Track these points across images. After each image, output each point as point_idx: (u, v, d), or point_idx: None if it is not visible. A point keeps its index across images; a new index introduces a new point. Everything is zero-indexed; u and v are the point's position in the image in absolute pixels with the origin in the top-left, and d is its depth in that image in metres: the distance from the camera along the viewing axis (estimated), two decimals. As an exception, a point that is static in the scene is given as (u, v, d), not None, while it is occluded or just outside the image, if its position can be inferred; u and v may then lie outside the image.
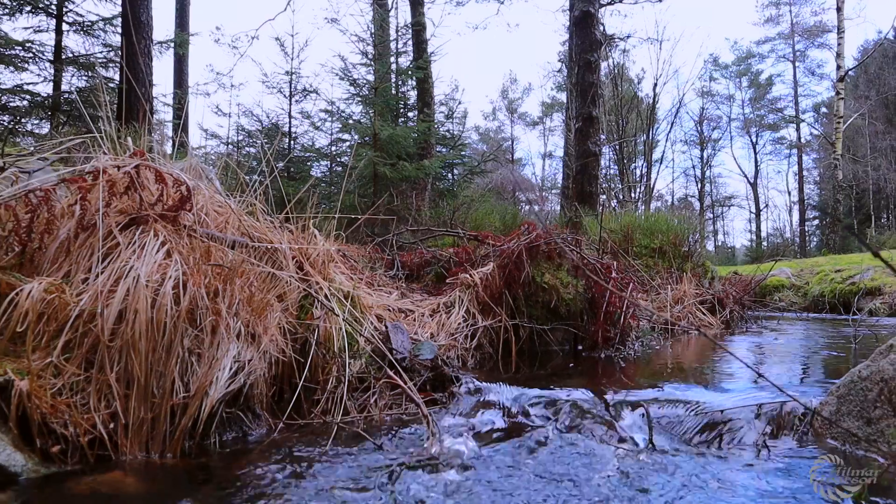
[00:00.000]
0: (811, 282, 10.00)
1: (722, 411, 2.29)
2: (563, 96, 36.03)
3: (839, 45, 27.20)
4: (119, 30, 10.69)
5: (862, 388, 2.07)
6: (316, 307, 2.88)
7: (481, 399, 2.76)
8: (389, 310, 3.53)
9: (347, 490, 1.70)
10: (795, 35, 47.67)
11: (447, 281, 4.10)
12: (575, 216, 9.61)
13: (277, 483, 1.76)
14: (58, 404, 1.86)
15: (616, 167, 37.12)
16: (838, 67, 27.11)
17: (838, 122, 26.88)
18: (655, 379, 3.18)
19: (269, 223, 3.20)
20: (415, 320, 3.56)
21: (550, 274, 3.95)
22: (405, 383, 2.51)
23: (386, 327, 3.14)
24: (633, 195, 34.86)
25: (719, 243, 58.90)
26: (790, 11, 47.94)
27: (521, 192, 35.13)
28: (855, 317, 5.88)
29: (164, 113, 15.13)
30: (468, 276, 3.86)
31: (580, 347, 4.11)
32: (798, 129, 50.51)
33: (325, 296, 2.97)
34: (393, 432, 2.31)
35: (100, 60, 11.55)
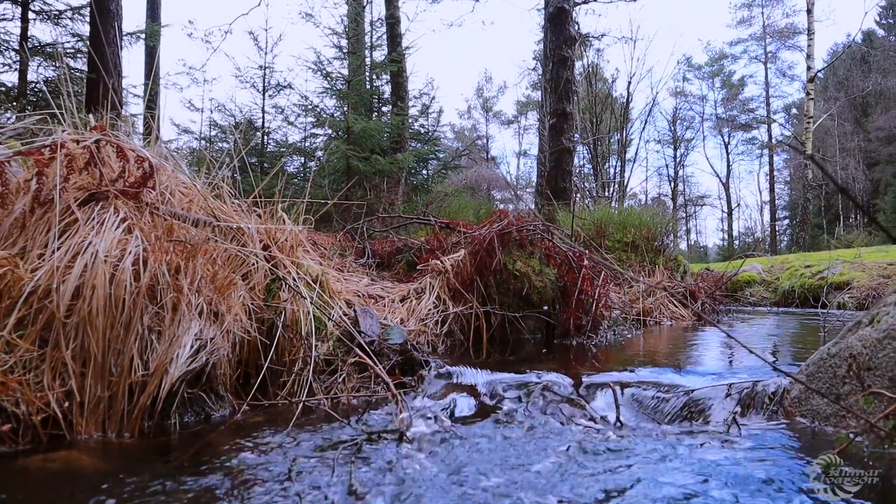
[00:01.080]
0: (781, 277, 10.11)
1: (692, 391, 2.28)
2: (538, 95, 36.14)
3: (809, 46, 27.61)
4: (88, 19, 10.49)
5: (831, 364, 2.06)
6: (283, 290, 2.83)
7: (451, 382, 2.73)
8: (359, 295, 3.49)
9: (310, 463, 1.66)
10: (767, 37, 48.30)
11: (418, 267, 4.06)
12: (548, 210, 9.61)
13: (237, 460, 1.71)
14: (9, 382, 1.79)
15: (590, 166, 37.31)
16: (808, 68, 27.52)
17: (808, 122, 27.29)
18: (627, 365, 3.17)
19: (237, 206, 3.14)
20: (385, 306, 3.52)
21: (522, 262, 3.93)
22: (374, 363, 2.47)
23: (355, 311, 3.10)
24: (606, 193, 35.04)
25: (692, 242, 59.63)
26: (762, 13, 48.63)
27: (496, 189, 35.18)
28: (823, 310, 5.94)
29: (135, 105, 14.88)
30: (439, 262, 3.83)
31: (552, 335, 4.10)
32: (769, 130, 51.25)
33: (293, 279, 2.92)
34: (360, 413, 2.26)
35: (68, 50, 11.33)
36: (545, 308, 4.01)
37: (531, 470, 1.63)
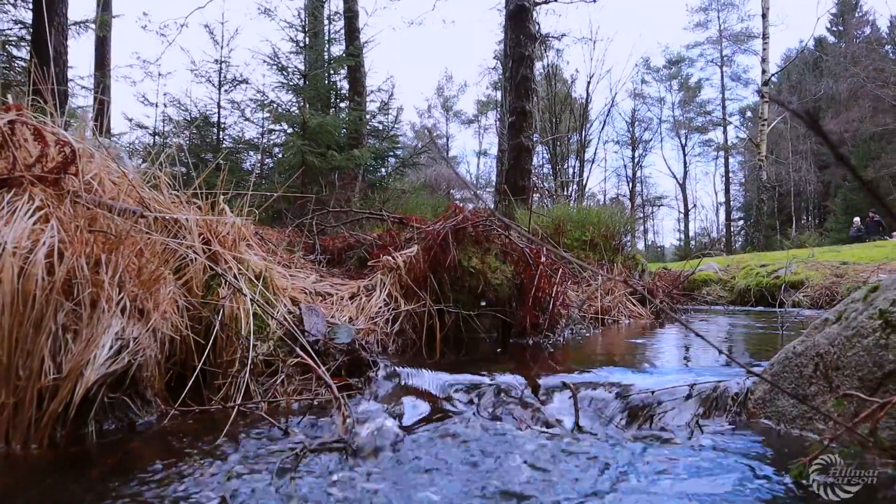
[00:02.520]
0: (737, 276, 10.18)
1: (653, 392, 2.17)
2: (498, 94, 36.19)
3: (764, 50, 28.15)
4: (31, 5, 10.07)
5: (797, 364, 1.97)
6: (223, 286, 2.66)
7: (400, 384, 2.58)
8: (306, 292, 3.32)
9: (240, 475, 1.50)
10: (723, 40, 49.18)
11: (368, 264, 3.90)
12: (505, 206, 9.52)
13: (158, 471, 1.54)
14: None
15: (550, 165, 37.49)
16: (763, 72, 28.06)
17: (763, 125, 27.80)
18: (585, 364, 3.05)
19: (175, 197, 2.95)
20: (333, 304, 3.35)
21: (478, 258, 3.80)
22: (317, 365, 2.32)
23: (300, 310, 2.93)
24: (565, 192, 35.21)
25: (649, 242, 60.44)
26: (718, 18, 49.54)
27: (456, 189, 35.09)
28: (782, 308, 5.95)
29: (83, 98, 14.39)
30: (390, 259, 3.67)
31: (509, 334, 3.97)
32: (725, 132, 52.27)
33: (234, 275, 2.75)
34: (300, 418, 2.10)
35: (10, 38, 10.88)
36: (502, 306, 3.88)
37: (481, 483, 1.49)
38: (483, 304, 3.77)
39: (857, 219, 29.44)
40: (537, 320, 3.87)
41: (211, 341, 2.42)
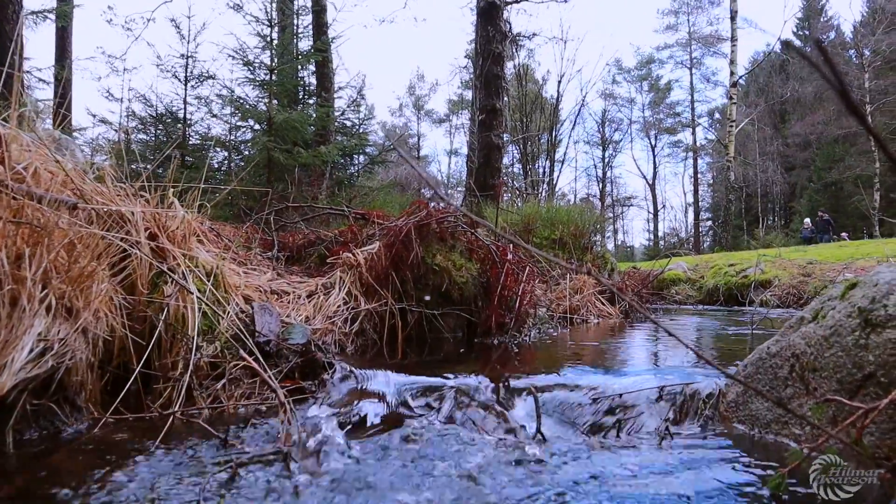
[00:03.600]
0: (706, 275, 10.20)
1: (621, 395, 2.06)
2: (470, 94, 36.10)
3: (732, 52, 28.43)
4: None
5: (771, 365, 1.87)
6: (169, 283, 2.50)
7: (357, 387, 2.44)
8: (261, 291, 3.16)
9: (165, 496, 1.35)
10: (692, 43, 49.73)
11: (328, 261, 3.75)
12: (474, 204, 9.42)
13: (82, 486, 1.39)
14: None
15: (520, 165, 37.52)
16: (732, 73, 28.33)
17: (731, 126, 28.08)
18: (552, 365, 2.94)
19: (121, 190, 2.78)
20: (290, 303, 3.20)
21: (442, 255, 3.67)
22: (263, 368, 2.17)
23: (252, 308, 2.77)
24: (536, 191, 35.22)
25: (619, 242, 60.96)
26: (688, 21, 50.08)
27: (427, 188, 34.93)
28: (751, 307, 5.91)
29: (41, 91, 13.98)
30: (350, 255, 3.52)
31: (474, 334, 3.85)
32: (694, 133, 52.86)
33: (183, 272, 2.60)
34: (243, 425, 1.95)
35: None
36: (467, 305, 3.76)
37: (432, 501, 1.36)
38: (426, 298, 3.65)
39: (807, 220, 29.91)
40: (503, 319, 3.75)
41: (153, 343, 2.27)
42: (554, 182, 37.80)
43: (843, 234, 26.86)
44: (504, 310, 3.74)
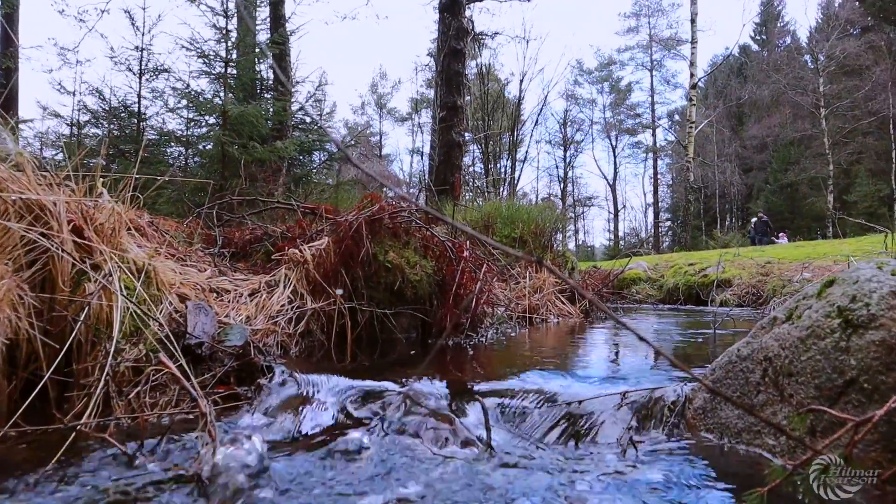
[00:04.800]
0: (666, 275, 10.18)
1: (580, 402, 1.90)
2: (432, 93, 35.95)
3: (692, 54, 28.71)
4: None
5: (742, 369, 1.73)
6: (92, 282, 2.29)
7: (297, 393, 2.24)
8: (200, 289, 2.94)
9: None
10: (653, 45, 50.34)
11: (272, 257, 3.54)
12: (435, 204, 9.26)
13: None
14: None
15: (482, 164, 37.48)
16: (691, 75, 28.62)
17: (690, 127, 28.36)
18: (509, 368, 2.78)
19: (42, 179, 2.56)
20: (230, 301, 2.99)
21: (395, 252, 3.49)
22: (184, 374, 1.97)
23: (187, 308, 2.56)
24: (497, 190, 35.17)
25: (580, 242, 61.40)
26: (649, 23, 50.70)
27: (389, 187, 34.61)
28: (712, 307, 5.85)
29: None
30: (297, 252, 3.32)
31: (428, 335, 3.67)
32: (654, 135, 53.51)
33: (110, 269, 2.38)
34: (160, 439, 1.74)
35: None
36: (421, 304, 3.59)
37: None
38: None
39: (754, 219, 30.26)
40: (459, 319, 3.58)
41: (70, 346, 2.06)
42: (515, 181, 37.82)
43: (782, 234, 27.14)
44: (460, 309, 3.58)
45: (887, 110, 38.55)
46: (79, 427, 1.75)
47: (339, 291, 3.22)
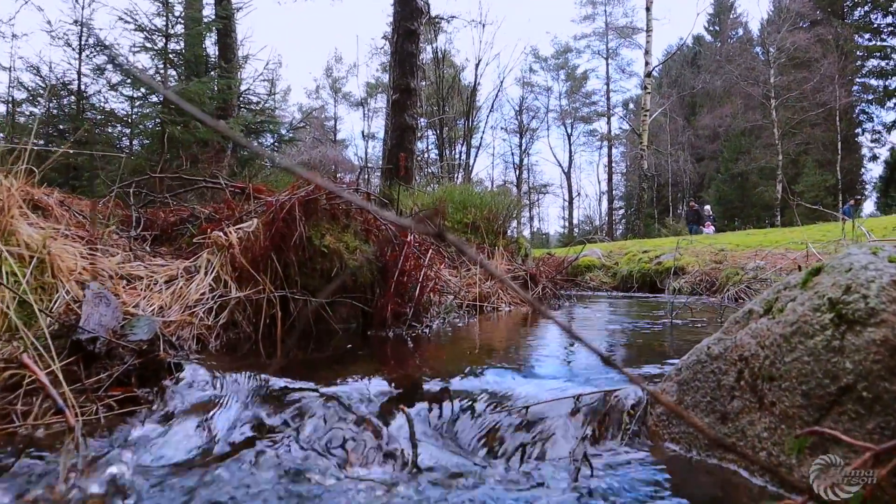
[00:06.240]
0: (620, 262, 10.09)
1: (528, 407, 1.65)
2: (387, 77, 35.48)
3: (648, 42, 28.85)
4: None
5: (713, 370, 1.49)
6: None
7: (206, 396, 1.95)
8: (107, 275, 2.62)
9: None
10: (609, 33, 50.62)
11: (194, 241, 3.21)
12: (387, 189, 8.96)
13: None
14: None
15: (437, 150, 37.19)
16: (647, 63, 28.77)
17: (645, 115, 28.50)
18: (453, 364, 2.52)
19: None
20: (143, 289, 2.66)
21: (333, 236, 3.20)
22: (49, 378, 1.67)
23: (84, 297, 2.24)
24: (452, 176, 34.91)
25: (535, 229, 61.67)
26: (605, 11, 50.95)
27: (344, 171, 34.11)
28: (667, 295, 5.71)
29: None
30: (221, 234, 3.00)
31: (369, 325, 3.39)
32: (609, 123, 53.92)
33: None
34: (16, 457, 1.44)
35: None
36: (361, 292, 3.31)
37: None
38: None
39: (696, 204, 30.55)
40: (402, 308, 3.32)
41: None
42: (470, 167, 37.62)
43: (708, 223, 27.38)
44: (402, 297, 3.31)
45: (834, 102, 39.37)
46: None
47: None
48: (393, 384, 1.98)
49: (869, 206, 42.13)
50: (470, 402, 1.78)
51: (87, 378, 1.89)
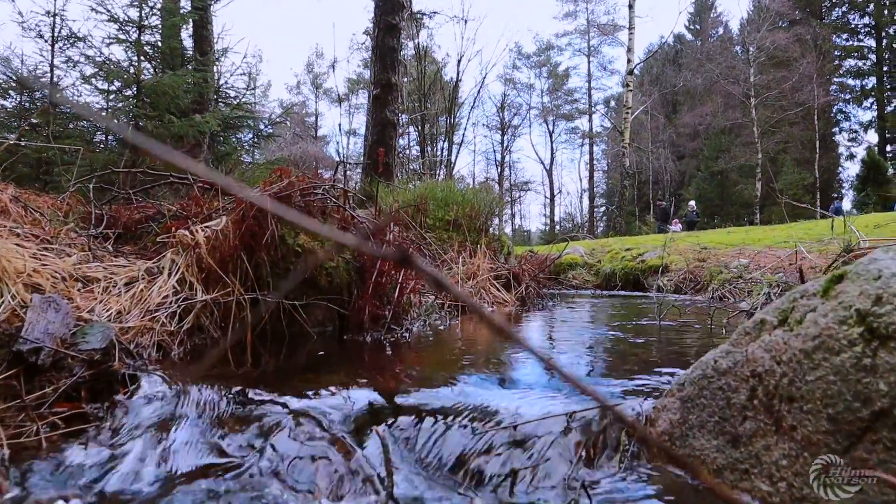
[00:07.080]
0: (603, 260, 9.98)
1: (515, 426, 1.50)
2: (368, 73, 35.16)
3: (630, 39, 28.84)
4: None
5: (722, 387, 1.34)
6: None
7: (163, 413, 1.77)
8: (60, 277, 2.43)
9: None
10: (590, 30, 50.70)
11: (158, 239, 3.02)
12: (367, 185, 8.78)
13: None
14: None
15: (418, 147, 36.97)
16: (629, 61, 28.76)
17: (627, 112, 28.49)
18: (434, 372, 2.36)
19: None
20: (101, 292, 2.47)
21: (308, 234, 3.03)
22: (8, 389, 1.49)
23: (32, 303, 2.05)
24: (433, 173, 34.69)
25: (516, 226, 61.73)
26: (587, 9, 51.04)
27: (325, 168, 33.79)
28: (652, 293, 5.58)
29: None
30: (186, 233, 2.81)
31: (346, 329, 3.22)
32: (591, 120, 54.05)
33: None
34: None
35: None
36: (338, 294, 3.14)
37: None
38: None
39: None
40: (380, 311, 3.15)
41: None
42: (452, 164, 37.44)
43: (675, 221, 27.50)
44: (380, 299, 3.14)
45: (812, 101, 39.63)
46: None
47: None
48: (368, 398, 1.81)
49: (846, 205, 42.52)
50: (452, 419, 1.61)
51: (29, 393, 1.71)
